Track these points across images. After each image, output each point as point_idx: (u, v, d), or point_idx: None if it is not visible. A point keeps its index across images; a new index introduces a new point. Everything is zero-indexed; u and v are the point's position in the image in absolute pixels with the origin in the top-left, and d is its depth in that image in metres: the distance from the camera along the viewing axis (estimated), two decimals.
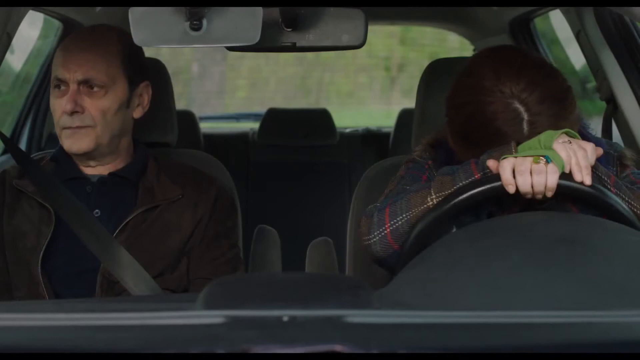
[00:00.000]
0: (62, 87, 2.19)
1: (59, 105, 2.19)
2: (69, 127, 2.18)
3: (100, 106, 2.18)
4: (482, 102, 1.81)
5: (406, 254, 1.73)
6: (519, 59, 1.85)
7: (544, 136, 1.73)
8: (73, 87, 2.17)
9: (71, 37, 2.29)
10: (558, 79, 1.86)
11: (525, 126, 1.77)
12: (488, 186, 1.70)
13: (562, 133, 1.74)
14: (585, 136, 1.91)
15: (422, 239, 1.72)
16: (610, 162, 1.92)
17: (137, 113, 2.28)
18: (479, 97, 1.82)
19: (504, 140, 1.77)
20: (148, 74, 2.31)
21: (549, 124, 1.77)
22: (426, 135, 2.10)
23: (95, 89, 2.17)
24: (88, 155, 2.23)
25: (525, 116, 1.78)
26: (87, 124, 2.17)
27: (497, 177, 1.71)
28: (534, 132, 1.76)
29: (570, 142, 1.72)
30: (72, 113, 2.16)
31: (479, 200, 1.72)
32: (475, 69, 1.88)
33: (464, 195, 1.72)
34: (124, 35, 2.22)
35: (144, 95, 2.28)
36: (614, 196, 1.70)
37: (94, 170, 2.26)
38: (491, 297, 1.22)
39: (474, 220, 1.76)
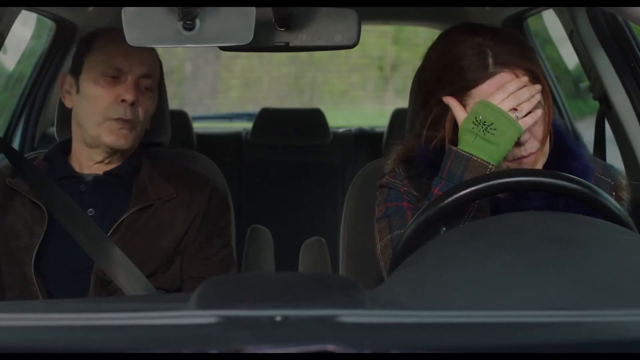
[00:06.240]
0: (118, 77, 2.19)
1: (109, 94, 2.18)
2: (120, 119, 2.18)
3: (146, 107, 2.22)
4: (450, 43, 1.90)
5: (399, 255, 1.73)
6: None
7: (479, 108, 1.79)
8: (132, 78, 2.19)
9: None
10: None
11: (490, 60, 1.82)
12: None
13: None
14: (578, 155, 1.91)
15: (414, 239, 1.72)
16: (606, 190, 1.88)
17: None
18: (447, 43, 1.91)
19: (467, 78, 1.83)
20: None
21: (511, 59, 1.82)
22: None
23: (146, 89, 2.21)
24: (113, 152, 2.24)
25: (490, 51, 1.83)
26: (135, 120, 2.20)
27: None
28: (498, 62, 1.82)
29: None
30: (131, 104, 2.18)
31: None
32: (442, 38, 1.97)
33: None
34: None
35: None
36: (605, 194, 1.70)
37: (89, 169, 2.26)
38: (484, 296, 1.22)
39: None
